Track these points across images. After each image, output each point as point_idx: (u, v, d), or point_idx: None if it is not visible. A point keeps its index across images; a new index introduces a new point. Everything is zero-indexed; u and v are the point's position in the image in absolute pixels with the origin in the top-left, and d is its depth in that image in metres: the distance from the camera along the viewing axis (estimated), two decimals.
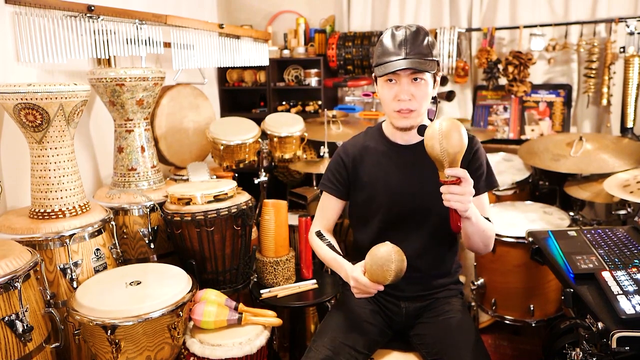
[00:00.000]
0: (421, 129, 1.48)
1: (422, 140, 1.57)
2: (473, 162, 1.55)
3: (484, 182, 1.57)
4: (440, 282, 1.64)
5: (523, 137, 3.24)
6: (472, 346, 1.44)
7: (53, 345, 1.59)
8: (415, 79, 1.43)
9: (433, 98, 1.55)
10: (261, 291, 2.07)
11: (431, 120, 1.62)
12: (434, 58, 1.44)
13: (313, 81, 3.55)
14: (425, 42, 1.44)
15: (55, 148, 1.80)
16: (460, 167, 1.51)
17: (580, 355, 1.44)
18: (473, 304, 2.44)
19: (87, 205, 1.92)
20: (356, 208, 1.68)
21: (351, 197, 1.68)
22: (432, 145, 1.28)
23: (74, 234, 1.77)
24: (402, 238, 1.58)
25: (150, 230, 2.13)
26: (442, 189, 1.31)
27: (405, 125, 1.49)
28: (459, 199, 1.30)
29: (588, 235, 1.76)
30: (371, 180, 1.61)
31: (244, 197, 2.14)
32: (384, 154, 1.60)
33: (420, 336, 1.56)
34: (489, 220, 1.54)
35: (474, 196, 1.53)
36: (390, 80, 1.45)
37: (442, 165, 1.29)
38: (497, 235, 2.23)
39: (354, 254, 1.74)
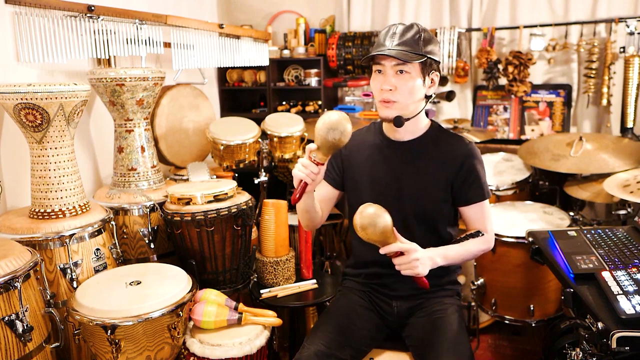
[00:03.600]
0: (397, 121, 1.48)
1: (413, 140, 1.57)
2: (462, 172, 1.53)
3: (473, 192, 1.55)
4: (432, 281, 1.58)
5: (523, 137, 3.24)
6: (454, 347, 1.42)
7: (53, 345, 1.60)
8: (401, 72, 1.44)
9: (427, 97, 1.53)
10: (261, 291, 2.07)
11: (429, 119, 1.62)
12: (425, 54, 1.43)
13: (313, 81, 3.55)
14: (416, 36, 1.43)
15: (55, 148, 1.80)
16: (447, 176, 1.53)
17: (580, 355, 1.44)
18: (473, 304, 2.44)
19: (87, 205, 1.92)
20: (348, 200, 1.69)
21: (346, 188, 1.68)
22: (363, 236, 1.34)
23: (74, 234, 1.77)
24: None
25: (150, 230, 2.13)
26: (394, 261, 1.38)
27: (386, 115, 1.49)
28: (408, 267, 1.36)
29: (588, 235, 1.76)
30: (360, 173, 1.62)
31: (244, 197, 2.14)
32: (377, 148, 1.62)
33: (410, 337, 1.55)
34: (478, 234, 1.53)
35: (465, 205, 1.56)
36: (379, 71, 1.47)
37: (378, 247, 1.37)
38: (497, 235, 2.23)
39: (352, 251, 1.74)
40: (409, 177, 1.55)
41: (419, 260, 1.36)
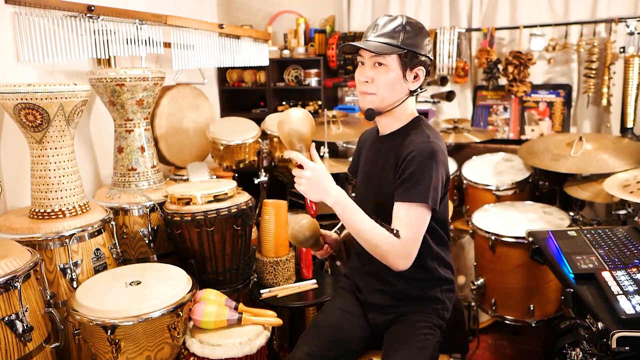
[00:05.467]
0: (367, 113, 1.48)
1: (390, 133, 1.53)
2: (404, 164, 1.40)
3: (403, 191, 1.37)
4: (405, 291, 1.51)
5: (523, 137, 3.24)
6: None
7: (53, 345, 1.59)
8: (379, 64, 1.42)
9: (412, 92, 1.47)
10: (261, 291, 2.07)
11: (425, 115, 1.61)
12: (405, 46, 1.40)
13: (313, 81, 3.54)
14: (397, 28, 1.40)
15: (55, 148, 1.80)
16: (396, 160, 1.43)
17: (580, 355, 1.44)
18: (473, 304, 2.44)
19: (87, 205, 1.92)
20: None
21: None
22: (279, 130, 1.41)
23: (74, 234, 1.77)
24: None
25: (150, 230, 2.13)
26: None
27: (363, 106, 1.50)
28: (298, 182, 1.35)
29: (588, 235, 1.76)
30: (361, 164, 1.66)
31: (244, 197, 2.14)
32: (371, 143, 1.63)
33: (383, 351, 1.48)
34: (392, 231, 1.35)
35: (395, 200, 1.39)
36: (362, 63, 1.47)
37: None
38: (497, 235, 2.24)
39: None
40: (373, 170, 1.55)
41: (307, 178, 1.34)
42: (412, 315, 1.51)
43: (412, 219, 1.37)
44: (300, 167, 1.36)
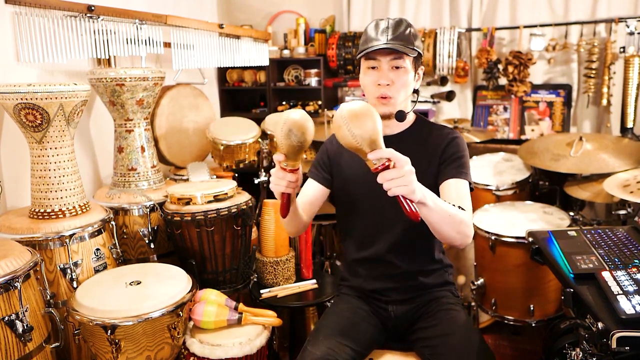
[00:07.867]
0: (399, 115, 1.47)
1: (399, 133, 1.55)
2: (448, 149, 1.49)
3: (450, 170, 1.46)
4: (424, 282, 1.59)
5: (523, 137, 3.24)
6: (476, 347, 1.41)
7: (53, 345, 1.60)
8: (396, 67, 1.43)
9: (415, 91, 1.53)
10: (261, 291, 2.07)
11: (425, 115, 1.61)
12: (415, 48, 1.44)
13: (313, 81, 3.55)
14: (407, 31, 1.44)
15: (55, 148, 1.80)
16: (431, 167, 1.47)
17: (580, 355, 1.44)
18: (473, 304, 2.44)
19: (87, 205, 1.92)
20: (338, 199, 1.65)
21: (334, 188, 1.63)
22: (343, 135, 1.14)
23: (74, 234, 1.77)
24: (377, 234, 1.56)
25: (150, 230, 2.13)
26: (378, 178, 1.13)
27: (384, 112, 1.46)
28: (400, 182, 1.11)
29: (588, 235, 1.76)
30: (348, 170, 1.60)
31: (244, 197, 2.14)
32: None
33: (421, 339, 1.52)
34: (462, 209, 1.37)
35: (443, 180, 1.45)
36: (373, 67, 1.46)
37: (364, 152, 1.14)
38: (497, 235, 2.23)
39: (344, 257, 1.73)
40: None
41: (409, 173, 1.12)
42: (437, 299, 1.58)
43: (465, 193, 1.45)
44: (386, 168, 1.11)
